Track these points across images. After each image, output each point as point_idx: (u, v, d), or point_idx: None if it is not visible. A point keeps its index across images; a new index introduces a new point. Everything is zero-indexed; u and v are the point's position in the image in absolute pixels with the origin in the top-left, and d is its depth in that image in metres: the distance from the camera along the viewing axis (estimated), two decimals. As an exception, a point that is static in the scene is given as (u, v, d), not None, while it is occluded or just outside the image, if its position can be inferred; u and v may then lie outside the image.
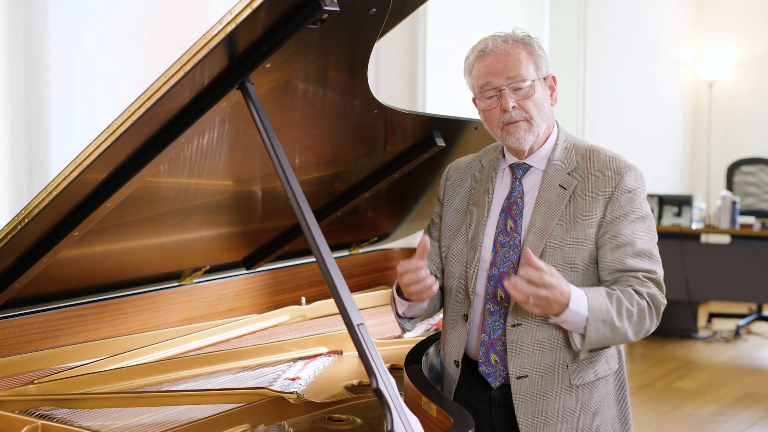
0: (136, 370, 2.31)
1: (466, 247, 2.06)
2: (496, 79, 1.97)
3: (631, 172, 1.98)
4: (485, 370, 2.02)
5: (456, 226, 2.11)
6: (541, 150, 2.04)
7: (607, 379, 2.02)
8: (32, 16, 3.34)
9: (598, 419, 2.00)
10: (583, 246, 1.95)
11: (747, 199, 7.28)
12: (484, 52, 1.99)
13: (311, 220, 1.75)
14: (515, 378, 1.97)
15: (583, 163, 2.01)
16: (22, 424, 1.93)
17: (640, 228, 1.96)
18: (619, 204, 1.95)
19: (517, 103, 1.97)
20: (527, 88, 1.97)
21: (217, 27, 1.66)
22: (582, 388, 1.98)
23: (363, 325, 1.68)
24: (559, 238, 1.96)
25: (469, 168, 2.16)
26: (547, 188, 2.00)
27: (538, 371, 1.96)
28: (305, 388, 2.25)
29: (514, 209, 2.02)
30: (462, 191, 2.13)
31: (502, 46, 1.98)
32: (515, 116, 1.97)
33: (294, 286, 3.13)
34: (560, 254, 1.95)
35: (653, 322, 1.94)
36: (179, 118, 1.91)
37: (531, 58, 1.98)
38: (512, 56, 1.97)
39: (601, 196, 1.96)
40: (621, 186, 1.96)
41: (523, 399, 1.97)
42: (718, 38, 8.62)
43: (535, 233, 1.97)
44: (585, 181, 1.98)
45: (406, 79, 5.16)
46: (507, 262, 1.99)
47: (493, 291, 2.00)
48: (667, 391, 5.37)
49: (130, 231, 2.35)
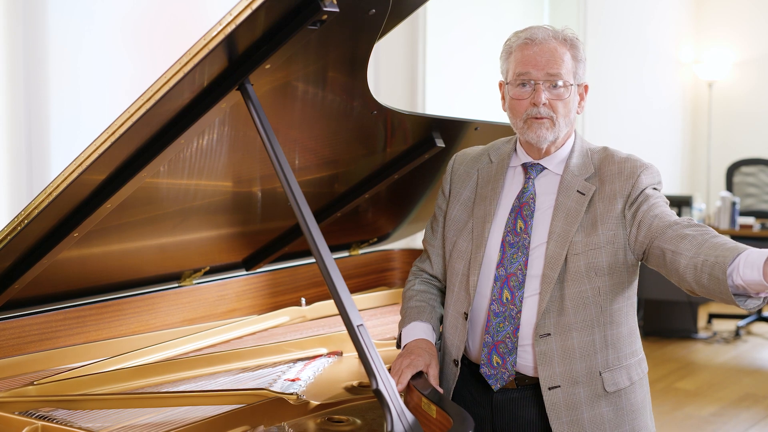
0: (136, 371, 2.31)
1: (471, 244, 2.03)
2: (536, 71, 1.94)
3: (648, 170, 1.96)
4: (486, 372, 1.99)
5: (462, 222, 2.08)
6: (557, 153, 2.02)
7: (641, 382, 2.01)
8: (32, 17, 3.34)
9: (638, 425, 1.97)
10: (606, 249, 1.93)
11: (747, 200, 7.28)
12: (531, 41, 1.96)
13: (311, 221, 1.75)
14: (547, 389, 1.93)
15: (600, 168, 1.99)
16: (21, 425, 1.93)
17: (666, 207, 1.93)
18: (638, 200, 1.93)
19: (549, 101, 1.95)
20: (562, 89, 1.95)
21: (217, 28, 1.66)
22: (618, 394, 1.95)
23: (363, 326, 1.68)
24: (581, 243, 1.93)
25: (476, 162, 2.13)
26: (566, 194, 1.97)
27: (570, 380, 1.93)
28: (305, 389, 2.25)
29: (525, 210, 1.99)
30: (469, 185, 2.10)
31: (551, 41, 1.95)
32: (543, 113, 1.95)
33: (294, 287, 3.13)
34: (583, 260, 1.92)
35: None
36: (179, 119, 1.91)
37: (574, 62, 1.97)
38: (558, 54, 1.95)
39: (619, 197, 1.94)
40: (637, 185, 1.94)
41: (557, 410, 1.93)
42: (717, 39, 8.62)
43: (557, 240, 1.94)
44: (602, 185, 1.96)
45: (406, 80, 5.16)
46: (515, 264, 1.97)
47: (499, 292, 1.97)
48: (667, 392, 5.37)
49: (129, 232, 2.35)
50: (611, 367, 1.94)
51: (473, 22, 5.87)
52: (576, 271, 1.91)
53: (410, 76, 5.15)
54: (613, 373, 1.95)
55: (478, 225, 2.04)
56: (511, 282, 1.96)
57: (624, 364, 1.96)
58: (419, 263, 2.22)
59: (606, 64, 7.22)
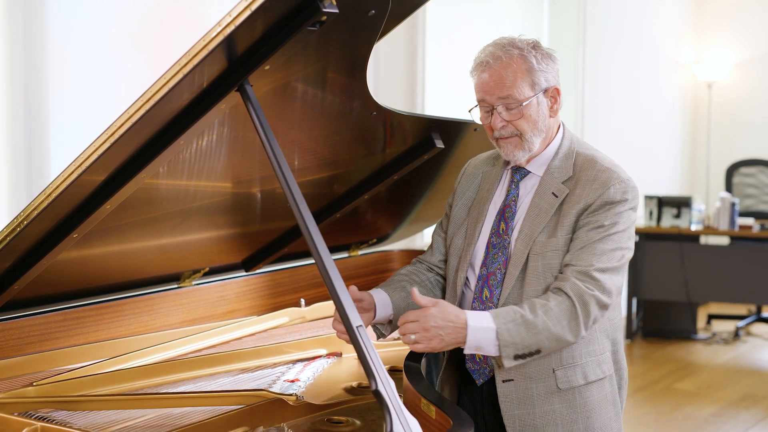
0: (136, 372, 2.31)
1: (464, 242, 2.09)
2: (489, 97, 1.97)
3: (620, 184, 1.94)
4: (471, 367, 2.06)
5: (461, 220, 2.14)
6: (540, 156, 2.04)
7: (601, 383, 2.01)
8: (32, 17, 3.34)
9: (594, 424, 1.99)
10: (561, 252, 1.94)
11: (746, 201, 7.28)
12: (482, 65, 1.98)
13: (310, 222, 1.76)
14: (501, 381, 1.98)
15: (579, 172, 1.99)
16: (21, 426, 1.93)
17: (602, 238, 1.91)
18: (595, 213, 1.93)
19: (509, 121, 1.96)
20: (519, 108, 1.95)
21: (216, 29, 1.66)
22: (572, 392, 1.97)
23: (362, 327, 1.69)
24: (541, 244, 1.96)
25: (484, 165, 2.19)
26: (541, 195, 2.00)
27: (524, 375, 1.96)
28: (304, 389, 2.25)
29: (507, 212, 2.04)
30: (473, 187, 2.16)
31: (497, 63, 1.95)
32: (504, 134, 1.98)
33: (293, 287, 3.13)
34: (541, 260, 1.95)
35: (586, 316, 1.86)
36: (178, 120, 1.91)
37: (528, 75, 1.95)
38: (508, 75, 1.94)
39: (582, 203, 1.94)
40: (603, 197, 1.93)
41: (510, 402, 1.98)
42: (717, 39, 8.62)
43: (523, 239, 1.98)
44: (575, 188, 1.97)
45: (406, 80, 5.15)
46: (495, 263, 2.02)
47: (480, 291, 2.03)
48: (667, 393, 5.37)
49: (129, 233, 2.35)
50: (564, 365, 1.96)
51: (473, 22, 5.87)
52: (534, 271, 1.95)
53: (410, 76, 5.15)
54: (566, 371, 1.97)
55: (471, 225, 2.10)
56: (491, 281, 2.02)
57: (579, 363, 1.97)
58: (421, 256, 2.27)
59: (605, 64, 7.22)
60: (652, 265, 6.39)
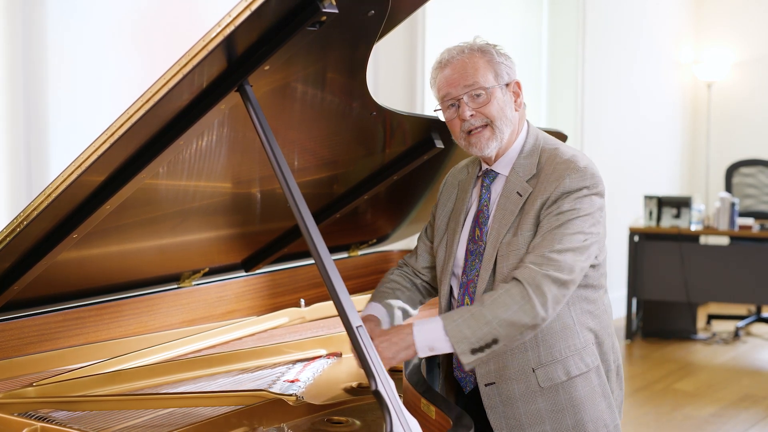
0: (135, 372, 2.31)
1: (445, 254, 2.10)
2: (454, 90, 1.98)
3: (575, 173, 1.93)
4: (458, 375, 2.09)
5: (442, 233, 2.14)
6: (505, 156, 2.04)
7: (586, 376, 2.00)
8: (31, 18, 3.34)
9: (584, 417, 1.99)
10: (524, 252, 1.93)
11: (746, 201, 7.28)
12: (442, 63, 2.01)
13: (310, 222, 1.76)
14: (483, 385, 1.99)
15: (542, 168, 1.98)
16: (21, 427, 1.93)
17: (561, 224, 1.89)
18: (553, 204, 1.92)
19: (477, 111, 1.97)
20: (486, 95, 1.96)
21: (216, 29, 1.66)
22: (555, 389, 1.97)
23: (362, 327, 1.69)
24: (506, 245, 1.95)
25: (460, 174, 2.19)
26: (507, 195, 2.00)
27: (504, 377, 1.98)
28: (304, 390, 2.25)
29: (480, 217, 2.04)
30: (452, 198, 2.16)
31: (459, 56, 1.99)
32: (475, 123, 1.98)
33: (293, 288, 3.13)
34: (505, 262, 1.94)
35: (541, 296, 1.81)
36: (178, 121, 1.91)
37: (490, 66, 1.98)
38: (470, 65, 1.97)
39: (540, 199, 1.94)
40: (559, 188, 1.92)
41: (494, 405, 1.99)
42: (717, 39, 8.63)
43: (491, 242, 1.98)
44: (537, 186, 1.97)
45: (405, 80, 5.16)
46: (473, 270, 2.02)
47: (462, 298, 2.04)
48: (666, 393, 5.37)
49: (129, 233, 2.35)
50: (544, 364, 1.97)
51: (473, 22, 5.87)
52: (501, 273, 1.94)
53: (409, 77, 5.16)
54: (546, 369, 1.97)
55: (450, 236, 2.10)
56: (470, 288, 2.02)
57: (559, 359, 1.97)
58: (407, 257, 2.29)
59: (605, 64, 7.23)
60: (652, 265, 6.39)
